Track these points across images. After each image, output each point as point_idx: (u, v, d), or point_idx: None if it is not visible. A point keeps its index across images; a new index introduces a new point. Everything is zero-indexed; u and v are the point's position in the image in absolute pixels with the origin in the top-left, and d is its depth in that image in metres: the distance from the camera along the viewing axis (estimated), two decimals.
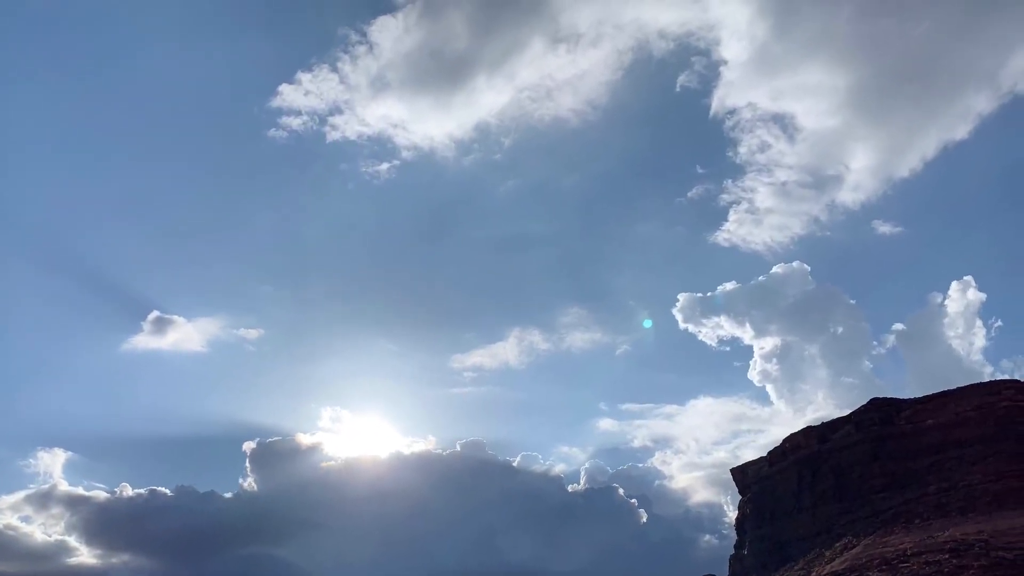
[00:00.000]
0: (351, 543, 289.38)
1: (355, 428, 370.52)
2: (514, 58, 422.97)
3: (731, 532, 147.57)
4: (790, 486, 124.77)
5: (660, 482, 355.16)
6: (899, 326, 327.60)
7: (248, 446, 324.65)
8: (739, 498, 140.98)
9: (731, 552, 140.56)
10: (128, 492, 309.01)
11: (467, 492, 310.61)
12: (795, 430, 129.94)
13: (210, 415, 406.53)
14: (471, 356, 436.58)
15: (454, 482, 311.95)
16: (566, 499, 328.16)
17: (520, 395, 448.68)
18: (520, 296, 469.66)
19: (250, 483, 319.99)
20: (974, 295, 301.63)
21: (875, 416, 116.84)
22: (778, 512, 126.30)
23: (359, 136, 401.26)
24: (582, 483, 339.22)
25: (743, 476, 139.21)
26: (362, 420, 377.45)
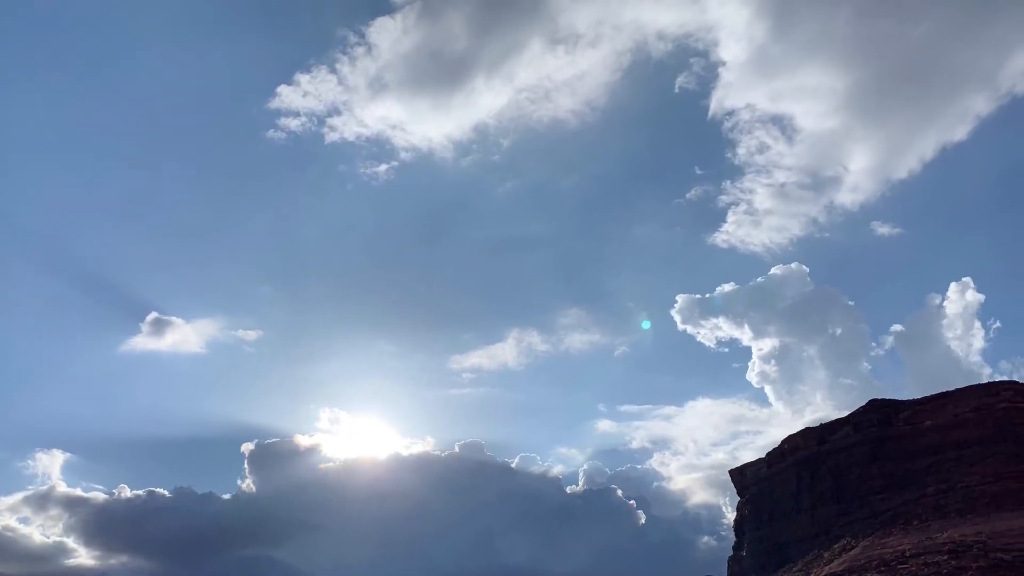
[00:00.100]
0: (349, 544, 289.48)
1: (353, 429, 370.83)
2: (513, 59, 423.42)
3: (729, 533, 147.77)
4: (789, 487, 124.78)
5: (659, 483, 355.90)
6: (898, 327, 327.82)
7: (246, 447, 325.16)
8: (737, 499, 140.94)
9: (730, 553, 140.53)
10: (126, 493, 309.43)
11: (465, 493, 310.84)
12: (794, 431, 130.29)
13: (208, 416, 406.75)
14: (470, 357, 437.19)
15: (453, 483, 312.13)
16: (564, 500, 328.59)
17: (519, 396, 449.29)
18: (519, 297, 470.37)
19: (248, 484, 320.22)
20: (973, 296, 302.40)
21: (874, 417, 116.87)
22: (777, 513, 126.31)
23: (357, 137, 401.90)
24: (580, 484, 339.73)
25: (742, 477, 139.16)
26: (360, 421, 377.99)
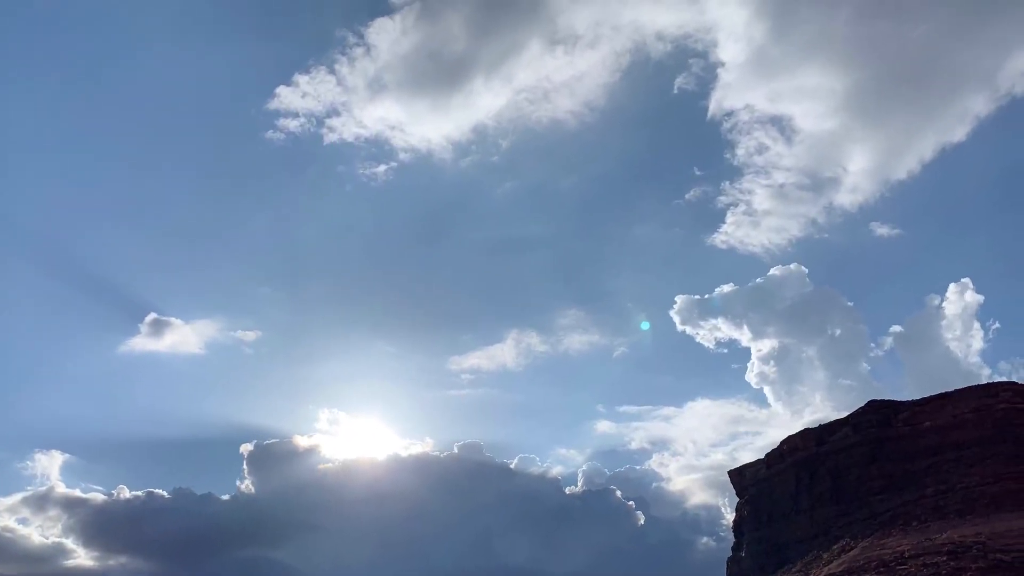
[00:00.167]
0: (348, 545, 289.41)
1: (352, 430, 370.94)
2: (511, 60, 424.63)
3: (728, 534, 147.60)
4: (788, 488, 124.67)
5: (658, 484, 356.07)
6: (897, 328, 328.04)
7: (245, 448, 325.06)
8: (737, 500, 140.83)
9: (729, 554, 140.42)
10: (125, 494, 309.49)
11: (464, 494, 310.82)
12: (793, 432, 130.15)
13: (207, 417, 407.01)
14: (468, 358, 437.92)
15: (451, 484, 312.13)
16: (563, 501, 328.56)
17: (517, 397, 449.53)
18: (517, 298, 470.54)
19: (247, 485, 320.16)
20: (972, 297, 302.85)
21: (873, 418, 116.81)
22: (776, 514, 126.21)
23: (356, 138, 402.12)
24: (579, 485, 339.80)
25: (741, 478, 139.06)
26: (359, 422, 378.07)
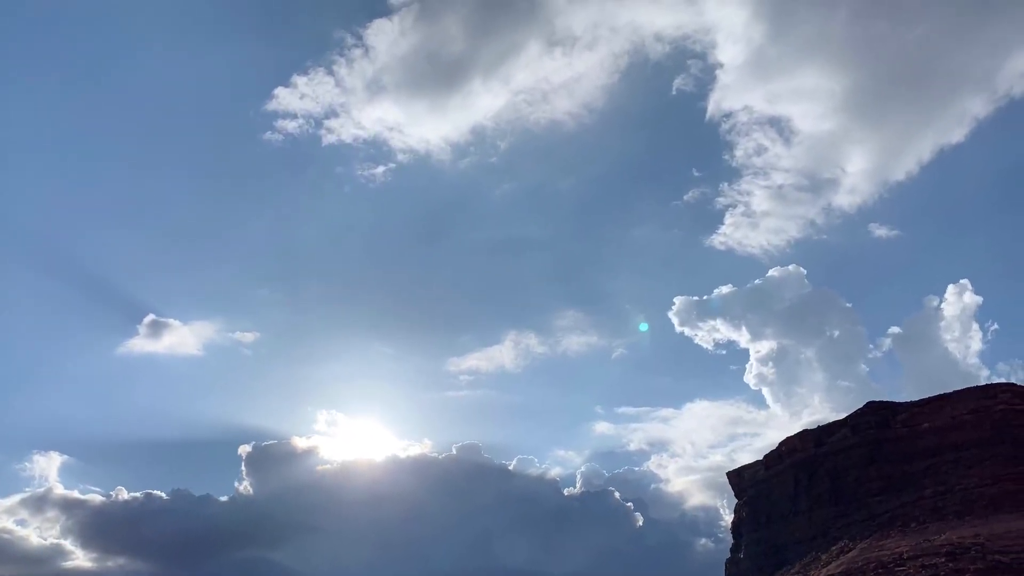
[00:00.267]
0: (347, 546, 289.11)
1: (351, 431, 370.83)
2: (510, 61, 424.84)
3: (727, 536, 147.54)
4: (786, 489, 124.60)
5: (656, 485, 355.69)
6: (895, 329, 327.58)
7: (244, 449, 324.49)
8: (735, 501, 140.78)
9: (727, 556, 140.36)
10: (124, 496, 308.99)
11: (463, 495, 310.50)
12: (791, 433, 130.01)
13: (206, 418, 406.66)
14: (467, 359, 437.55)
15: (450, 485, 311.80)
16: (562, 502, 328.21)
17: (516, 398, 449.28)
18: (516, 299, 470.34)
19: (246, 487, 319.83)
20: (970, 298, 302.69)
21: (871, 419, 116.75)
22: (774, 515, 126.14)
23: (355, 139, 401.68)
24: (578, 486, 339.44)
25: (739, 479, 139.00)
26: (358, 423, 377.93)
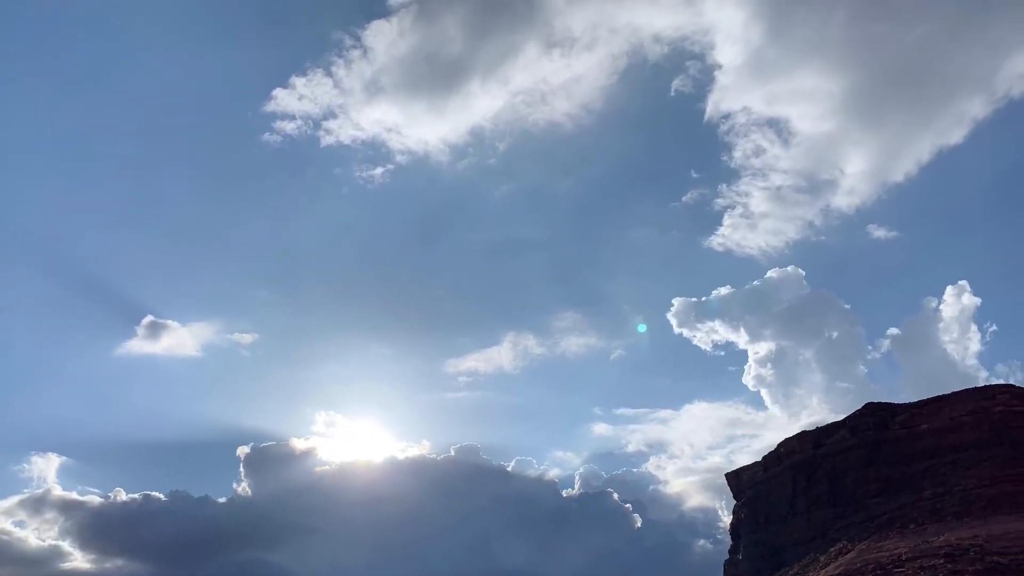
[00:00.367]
0: (345, 548, 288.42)
1: (349, 433, 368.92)
2: (509, 62, 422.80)
3: (726, 537, 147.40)
4: (785, 491, 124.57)
5: (654, 487, 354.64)
6: (894, 331, 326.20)
7: (242, 451, 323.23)
8: (734, 503, 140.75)
9: (726, 557, 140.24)
10: (122, 497, 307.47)
11: (461, 497, 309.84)
12: (790, 435, 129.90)
13: (204, 420, 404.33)
14: (465, 360, 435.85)
15: (448, 487, 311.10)
16: (560, 504, 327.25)
17: (514, 400, 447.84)
18: (514, 300, 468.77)
19: (244, 488, 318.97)
20: (969, 300, 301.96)
21: (870, 421, 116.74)
22: (773, 517, 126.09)
23: (353, 140, 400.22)
24: (576, 488, 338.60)
25: (738, 481, 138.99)
26: (356, 425, 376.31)
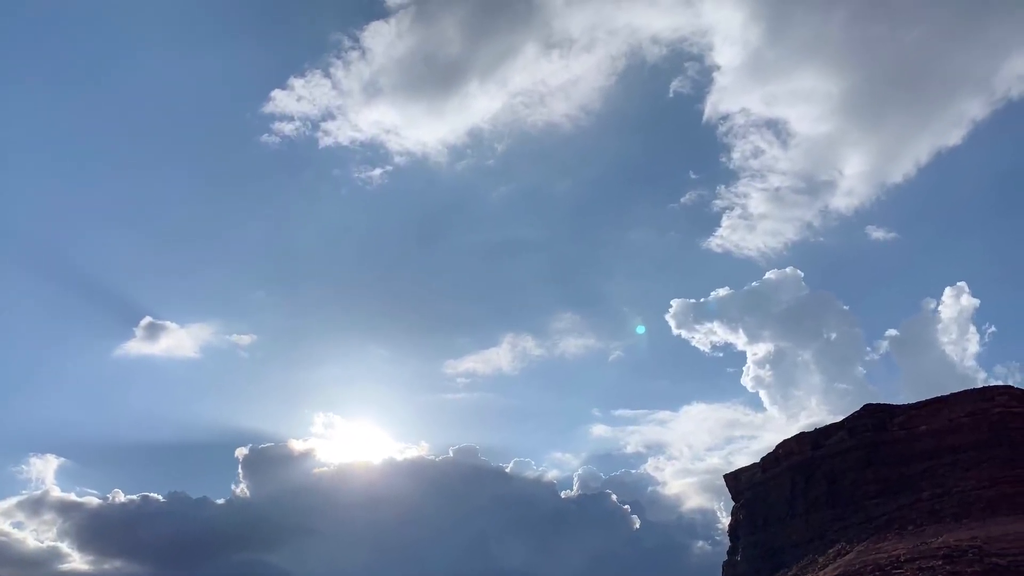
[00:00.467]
0: (344, 549, 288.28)
1: (348, 434, 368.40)
2: (507, 63, 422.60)
3: (724, 538, 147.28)
4: (783, 492, 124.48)
5: (653, 488, 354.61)
6: (892, 332, 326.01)
7: (241, 452, 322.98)
8: (732, 504, 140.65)
9: (724, 558, 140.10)
10: (120, 498, 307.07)
11: (460, 498, 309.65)
12: (788, 436, 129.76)
13: (202, 421, 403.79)
14: (464, 362, 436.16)
15: (447, 488, 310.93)
16: (559, 505, 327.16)
17: (513, 401, 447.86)
18: (513, 302, 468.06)
19: (242, 489, 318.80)
20: (968, 301, 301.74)
21: (868, 422, 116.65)
22: (771, 518, 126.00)
23: (352, 142, 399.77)
24: (575, 489, 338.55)
25: (736, 482, 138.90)
26: (355, 426, 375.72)
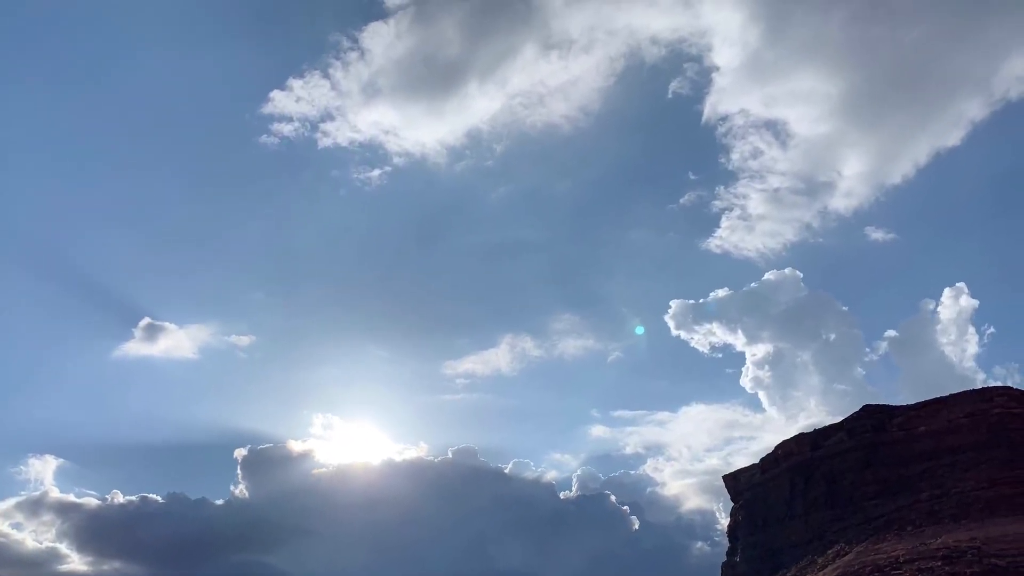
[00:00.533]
0: (342, 550, 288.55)
1: (347, 435, 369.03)
2: (506, 64, 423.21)
3: (723, 539, 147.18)
4: (782, 493, 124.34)
5: (652, 489, 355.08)
6: (892, 333, 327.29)
7: (239, 453, 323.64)
8: (731, 505, 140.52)
9: (723, 559, 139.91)
10: (119, 499, 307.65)
11: (459, 499, 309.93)
12: (787, 437, 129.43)
13: (201, 422, 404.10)
14: (463, 363, 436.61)
15: (446, 489, 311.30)
16: (558, 506, 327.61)
17: (512, 402, 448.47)
18: (512, 302, 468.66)
19: (241, 490, 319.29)
20: (967, 302, 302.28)
21: (867, 423, 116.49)
22: (770, 519, 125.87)
23: (351, 142, 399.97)
24: (574, 490, 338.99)
25: (735, 483, 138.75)
26: (354, 427, 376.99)
